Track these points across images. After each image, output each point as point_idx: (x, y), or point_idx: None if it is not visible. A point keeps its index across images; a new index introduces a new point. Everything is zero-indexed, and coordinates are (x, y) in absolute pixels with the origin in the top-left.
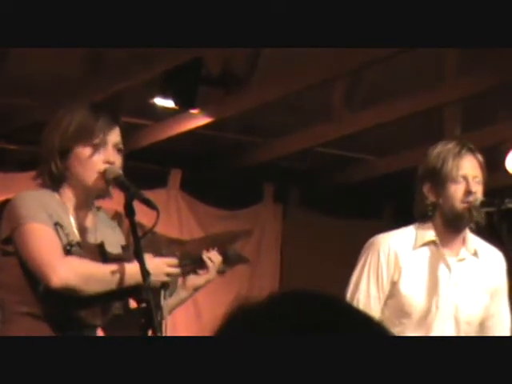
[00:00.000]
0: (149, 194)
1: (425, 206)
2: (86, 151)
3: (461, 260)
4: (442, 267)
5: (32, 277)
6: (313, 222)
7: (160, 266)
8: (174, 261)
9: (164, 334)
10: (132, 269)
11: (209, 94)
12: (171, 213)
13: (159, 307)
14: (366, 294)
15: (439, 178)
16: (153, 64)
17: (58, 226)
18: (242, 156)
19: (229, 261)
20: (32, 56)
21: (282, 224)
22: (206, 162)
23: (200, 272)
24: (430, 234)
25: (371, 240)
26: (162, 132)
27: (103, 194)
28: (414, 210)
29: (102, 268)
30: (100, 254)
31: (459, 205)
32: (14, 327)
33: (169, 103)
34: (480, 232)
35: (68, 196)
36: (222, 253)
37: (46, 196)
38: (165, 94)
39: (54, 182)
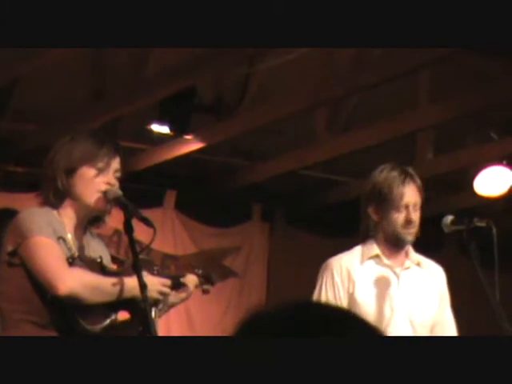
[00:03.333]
0: (146, 213)
1: (368, 224)
2: (90, 172)
3: (406, 268)
4: (390, 275)
5: (38, 287)
6: (297, 239)
7: (155, 284)
8: (167, 281)
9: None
10: (130, 283)
11: (201, 120)
12: (167, 230)
13: (152, 321)
14: None
15: (384, 204)
16: (150, 93)
17: (61, 240)
18: (232, 178)
19: (212, 282)
20: (38, 84)
21: (268, 241)
22: (199, 184)
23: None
24: (373, 249)
25: (325, 263)
26: (158, 156)
27: (100, 216)
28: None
29: (105, 280)
30: (99, 268)
31: (400, 230)
32: (17, 333)
33: (164, 129)
34: (451, 248)
35: (66, 214)
36: (206, 275)
37: (48, 213)
38: (161, 121)
39: (57, 198)
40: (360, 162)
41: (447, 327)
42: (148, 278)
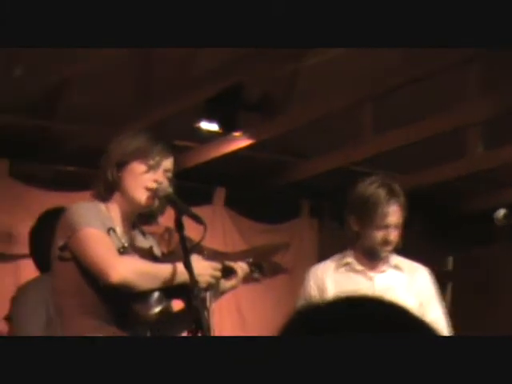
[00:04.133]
0: (196, 211)
1: (349, 233)
2: (140, 167)
3: (382, 272)
4: (361, 280)
5: (90, 279)
6: (345, 234)
7: (206, 268)
8: (218, 265)
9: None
10: (182, 268)
11: (250, 118)
12: (216, 227)
13: (206, 309)
14: None
15: (365, 218)
16: (197, 91)
17: (110, 230)
18: (280, 175)
19: (263, 271)
20: (84, 84)
21: (317, 237)
22: (248, 181)
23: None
24: (346, 257)
25: (307, 271)
26: (207, 153)
27: (152, 215)
28: None
29: (156, 266)
30: (150, 256)
31: (377, 247)
32: (74, 329)
33: (213, 127)
34: (502, 242)
35: (114, 208)
36: (256, 264)
37: (96, 206)
38: (209, 119)
39: (107, 191)
40: (408, 156)
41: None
42: (199, 262)
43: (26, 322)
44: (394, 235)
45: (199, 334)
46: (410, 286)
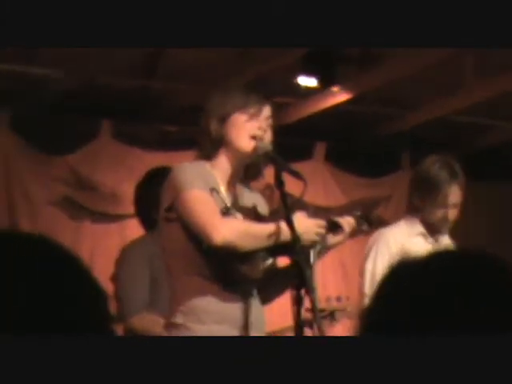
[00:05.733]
0: (296, 167)
1: (412, 205)
2: (242, 117)
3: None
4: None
5: (195, 239)
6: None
7: (311, 226)
8: (322, 222)
9: (316, 293)
10: (285, 227)
11: (348, 71)
12: (317, 183)
13: (310, 266)
14: None
15: (428, 197)
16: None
17: (214, 191)
18: (379, 128)
19: (372, 222)
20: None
21: None
22: (348, 135)
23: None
24: (419, 227)
25: (377, 234)
26: (306, 109)
27: (256, 169)
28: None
29: (259, 226)
30: (254, 215)
31: (437, 223)
32: (181, 288)
33: (311, 82)
34: None
35: (220, 164)
36: (364, 215)
37: (200, 166)
38: (308, 74)
39: (212, 147)
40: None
41: None
42: (304, 220)
43: (129, 282)
44: (453, 213)
45: (302, 291)
46: None
